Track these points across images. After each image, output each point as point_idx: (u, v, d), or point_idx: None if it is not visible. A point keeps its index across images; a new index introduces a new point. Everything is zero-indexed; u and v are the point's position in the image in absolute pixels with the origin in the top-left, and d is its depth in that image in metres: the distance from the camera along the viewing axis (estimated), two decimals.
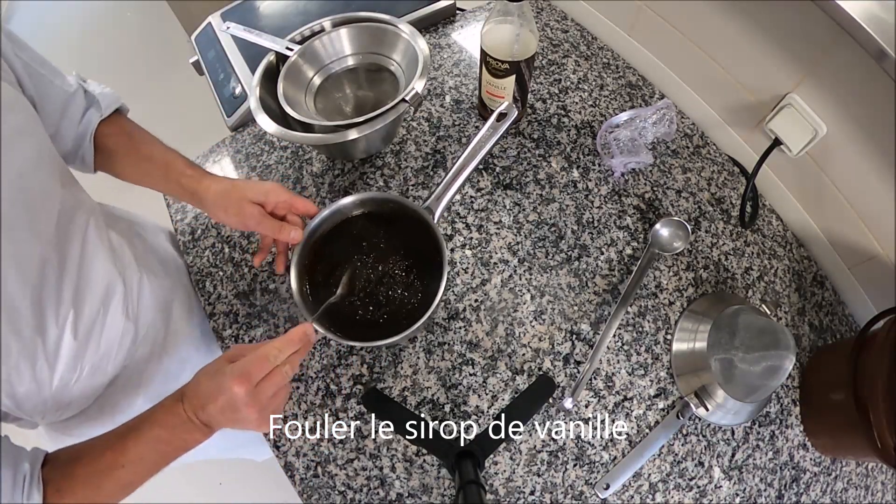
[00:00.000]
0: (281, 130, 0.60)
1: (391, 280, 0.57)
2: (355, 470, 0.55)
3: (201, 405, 0.41)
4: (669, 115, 0.70)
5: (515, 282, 0.63)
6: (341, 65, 0.69)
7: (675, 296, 0.63)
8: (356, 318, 0.55)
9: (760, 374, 0.51)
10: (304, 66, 0.68)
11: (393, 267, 0.58)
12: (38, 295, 0.44)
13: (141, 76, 2.17)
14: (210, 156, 0.78)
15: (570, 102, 0.76)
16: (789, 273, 0.67)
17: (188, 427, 0.42)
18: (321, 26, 0.69)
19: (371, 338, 0.48)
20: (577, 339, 0.60)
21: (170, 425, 0.42)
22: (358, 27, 0.68)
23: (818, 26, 0.52)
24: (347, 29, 0.68)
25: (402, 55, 0.66)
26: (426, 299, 0.55)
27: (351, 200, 0.55)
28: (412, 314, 0.52)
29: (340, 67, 0.69)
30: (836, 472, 0.59)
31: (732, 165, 0.72)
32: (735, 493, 0.56)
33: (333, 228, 0.56)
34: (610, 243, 0.66)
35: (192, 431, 0.42)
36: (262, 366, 0.41)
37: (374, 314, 0.55)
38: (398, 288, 0.57)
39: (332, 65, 0.69)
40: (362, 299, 0.56)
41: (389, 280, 0.57)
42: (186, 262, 0.69)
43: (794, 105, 0.59)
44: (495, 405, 0.57)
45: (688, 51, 0.70)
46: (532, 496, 0.54)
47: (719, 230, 0.68)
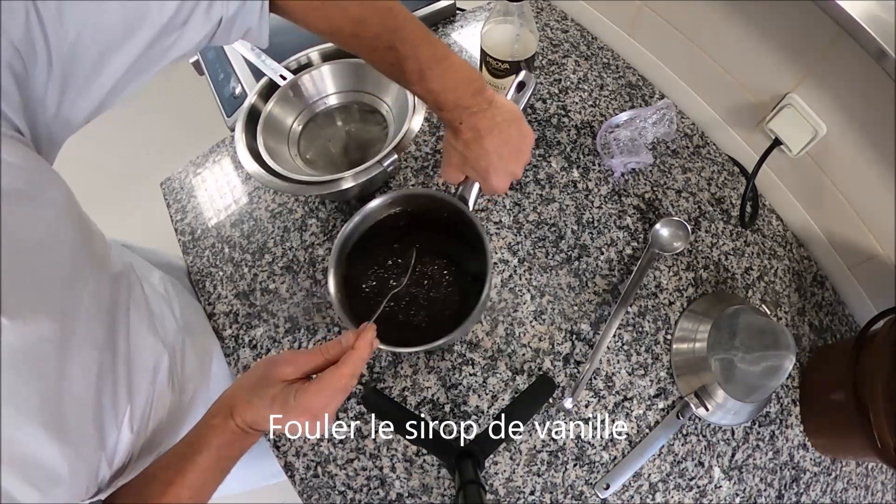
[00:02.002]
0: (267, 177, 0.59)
1: (431, 279, 0.55)
2: (355, 470, 0.55)
3: (257, 420, 0.39)
4: (669, 115, 0.70)
5: (515, 282, 0.63)
6: (326, 104, 0.70)
7: (675, 296, 0.63)
8: (398, 322, 0.53)
9: (760, 374, 0.51)
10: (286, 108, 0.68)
11: (432, 265, 0.55)
12: (98, 408, 0.39)
13: None
14: (210, 156, 0.78)
15: (570, 102, 0.76)
16: (789, 273, 0.67)
17: (243, 437, 0.40)
18: (308, 58, 0.69)
19: (414, 342, 0.46)
20: (577, 339, 0.60)
21: (226, 443, 0.40)
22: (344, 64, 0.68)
23: (818, 26, 0.52)
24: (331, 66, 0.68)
25: (392, 97, 0.67)
26: (468, 293, 0.52)
27: (379, 203, 0.52)
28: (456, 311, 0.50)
29: (325, 107, 0.70)
30: (836, 472, 0.59)
31: (732, 165, 0.72)
32: (735, 493, 0.56)
33: (365, 234, 0.53)
34: (610, 243, 0.66)
35: (247, 439, 0.41)
36: (333, 399, 0.38)
37: (416, 316, 0.53)
38: (440, 286, 0.54)
39: (317, 103, 0.69)
40: (403, 302, 0.54)
41: (430, 279, 0.55)
42: (187, 262, 0.70)
43: (794, 105, 0.59)
44: (495, 405, 0.57)
45: (688, 51, 0.70)
46: (532, 496, 0.54)
47: (719, 230, 0.68)
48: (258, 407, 0.39)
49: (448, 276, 0.55)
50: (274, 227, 0.69)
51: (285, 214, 0.70)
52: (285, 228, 0.69)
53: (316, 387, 0.38)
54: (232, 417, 0.40)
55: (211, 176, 0.76)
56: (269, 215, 0.70)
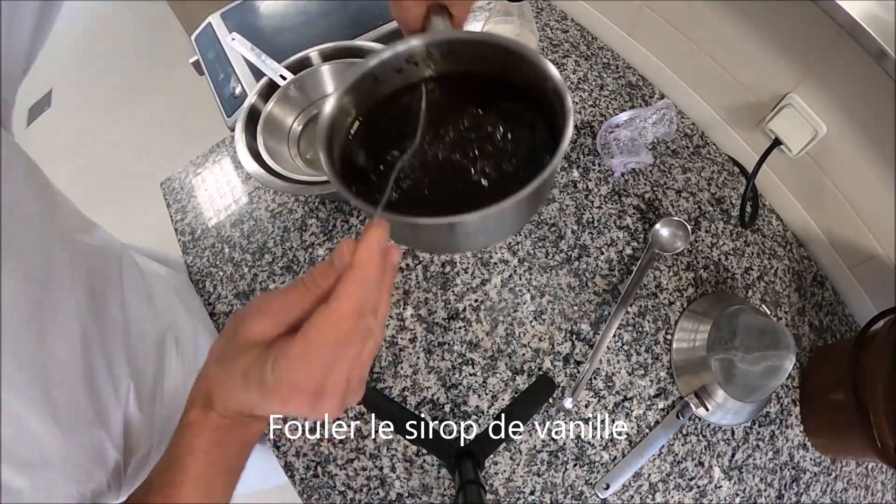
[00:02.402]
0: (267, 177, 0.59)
1: (472, 139, 0.34)
2: (355, 470, 0.55)
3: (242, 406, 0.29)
4: (669, 115, 0.70)
5: (515, 282, 0.63)
6: None
7: (675, 296, 0.63)
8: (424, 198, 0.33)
9: (760, 374, 0.51)
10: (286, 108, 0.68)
11: (465, 117, 0.35)
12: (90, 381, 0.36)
13: (141, 76, 2.18)
14: (210, 156, 0.78)
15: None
16: (789, 273, 0.67)
17: (235, 430, 0.30)
18: (308, 59, 0.69)
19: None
20: (577, 339, 0.60)
21: (214, 443, 0.30)
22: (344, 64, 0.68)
23: (818, 26, 0.52)
24: (331, 66, 0.68)
25: None
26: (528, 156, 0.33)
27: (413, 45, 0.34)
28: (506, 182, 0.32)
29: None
30: (836, 472, 0.59)
31: (732, 165, 0.72)
32: (735, 493, 0.56)
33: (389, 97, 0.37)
34: (610, 243, 0.66)
35: (243, 430, 0.31)
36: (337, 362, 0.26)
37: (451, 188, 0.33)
38: (484, 146, 0.34)
39: (317, 103, 0.69)
40: (430, 168, 0.34)
41: (468, 140, 0.34)
42: (186, 262, 0.70)
43: (794, 105, 0.59)
44: (495, 405, 0.57)
45: (688, 51, 0.70)
46: (532, 496, 0.54)
47: (719, 230, 0.68)
48: (231, 389, 0.28)
49: (502, 133, 0.34)
50: (274, 227, 0.69)
51: (285, 214, 0.70)
52: (285, 228, 0.69)
53: (300, 346, 0.25)
54: (212, 407, 0.29)
55: (211, 176, 0.76)
56: (269, 215, 0.70)
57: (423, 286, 0.63)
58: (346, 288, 0.25)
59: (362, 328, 0.26)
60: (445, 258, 0.64)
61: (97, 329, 0.37)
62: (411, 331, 0.61)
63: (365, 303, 0.26)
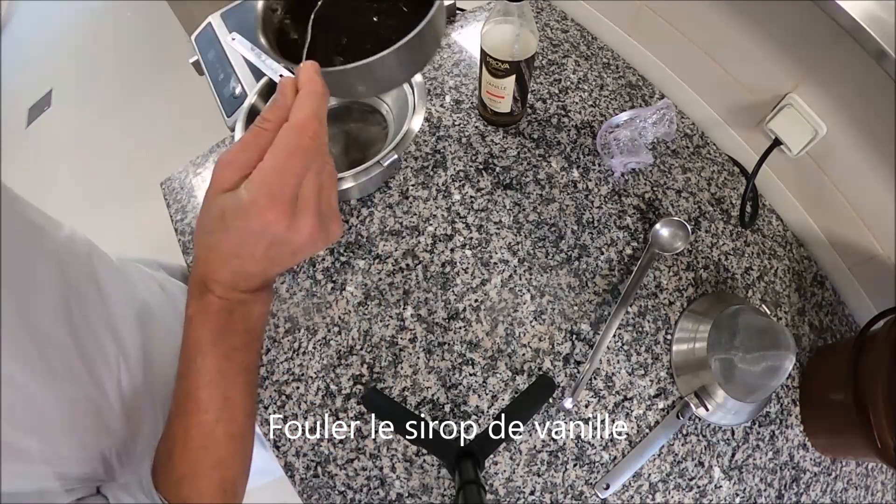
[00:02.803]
0: None
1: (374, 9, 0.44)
2: (355, 470, 0.55)
3: (235, 273, 0.29)
4: (669, 115, 0.70)
5: (515, 282, 0.63)
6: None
7: (675, 296, 0.63)
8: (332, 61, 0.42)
9: (760, 374, 0.51)
10: None
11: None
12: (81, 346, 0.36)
13: (141, 76, 2.18)
14: (210, 156, 0.78)
15: (570, 102, 0.76)
16: (789, 273, 0.67)
17: (237, 308, 0.30)
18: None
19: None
20: (577, 339, 0.60)
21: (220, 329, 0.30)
22: None
23: (818, 26, 0.52)
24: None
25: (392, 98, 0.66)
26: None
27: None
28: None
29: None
30: (836, 472, 0.59)
31: (732, 165, 0.72)
32: (735, 493, 0.56)
33: None
34: (610, 243, 0.66)
35: (247, 306, 0.31)
36: (302, 166, 0.27)
37: (357, 51, 0.41)
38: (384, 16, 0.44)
39: None
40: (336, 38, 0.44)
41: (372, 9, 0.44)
42: (187, 262, 0.70)
43: (794, 105, 0.59)
44: (495, 405, 0.57)
45: (688, 51, 0.70)
46: (532, 496, 0.54)
47: (719, 230, 0.68)
48: (216, 249, 0.28)
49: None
50: None
51: None
52: None
53: (270, 158, 0.27)
54: (208, 289, 0.30)
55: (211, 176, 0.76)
56: None
57: (423, 286, 0.63)
58: (301, 101, 0.29)
59: (323, 135, 0.28)
60: (446, 258, 0.64)
61: (76, 300, 0.37)
62: (411, 331, 0.61)
63: (320, 109, 0.29)
